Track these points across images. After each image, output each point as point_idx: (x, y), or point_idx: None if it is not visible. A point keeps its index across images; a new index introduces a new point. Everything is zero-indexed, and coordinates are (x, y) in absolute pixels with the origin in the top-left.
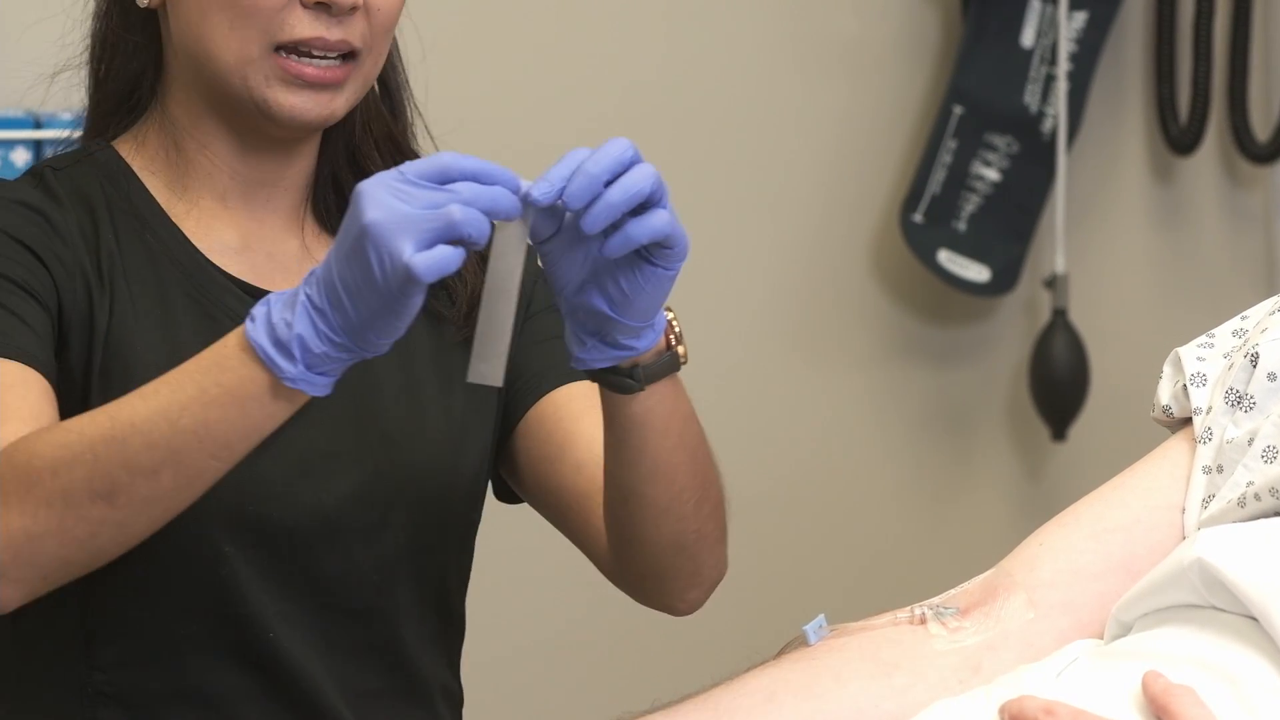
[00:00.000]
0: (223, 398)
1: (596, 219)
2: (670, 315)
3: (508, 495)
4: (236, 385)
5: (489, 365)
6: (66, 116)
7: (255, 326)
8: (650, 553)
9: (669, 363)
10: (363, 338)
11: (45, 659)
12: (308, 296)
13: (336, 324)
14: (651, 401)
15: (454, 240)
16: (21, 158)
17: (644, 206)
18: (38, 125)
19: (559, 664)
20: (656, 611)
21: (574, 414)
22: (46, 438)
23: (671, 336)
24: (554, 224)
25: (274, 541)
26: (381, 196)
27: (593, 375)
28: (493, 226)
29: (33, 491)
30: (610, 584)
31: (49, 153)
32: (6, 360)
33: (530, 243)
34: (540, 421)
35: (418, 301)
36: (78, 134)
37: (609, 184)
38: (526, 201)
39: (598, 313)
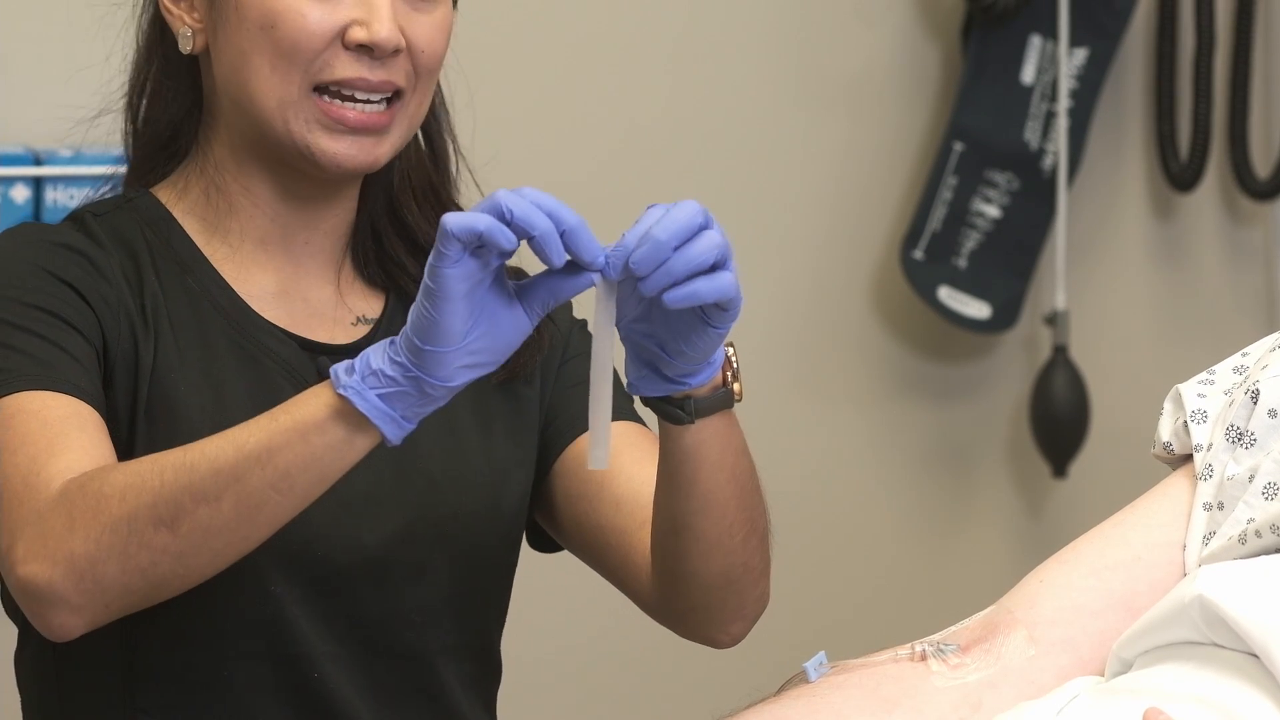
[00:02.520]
0: (287, 423)
1: (655, 284)
2: (730, 351)
3: (543, 543)
4: (303, 411)
5: (602, 450)
6: (67, 154)
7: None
8: (697, 586)
9: (722, 399)
10: (419, 356)
11: (90, 701)
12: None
13: (400, 343)
14: (705, 434)
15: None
16: (21, 195)
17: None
18: (37, 162)
19: (592, 705)
20: (688, 654)
21: (611, 451)
22: (124, 466)
23: (729, 372)
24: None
25: (319, 581)
26: None
27: (646, 402)
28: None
29: (99, 516)
30: (642, 626)
31: (49, 190)
32: (58, 394)
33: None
34: (578, 461)
35: (454, 283)
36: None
37: (677, 248)
38: (604, 278)
39: (652, 351)
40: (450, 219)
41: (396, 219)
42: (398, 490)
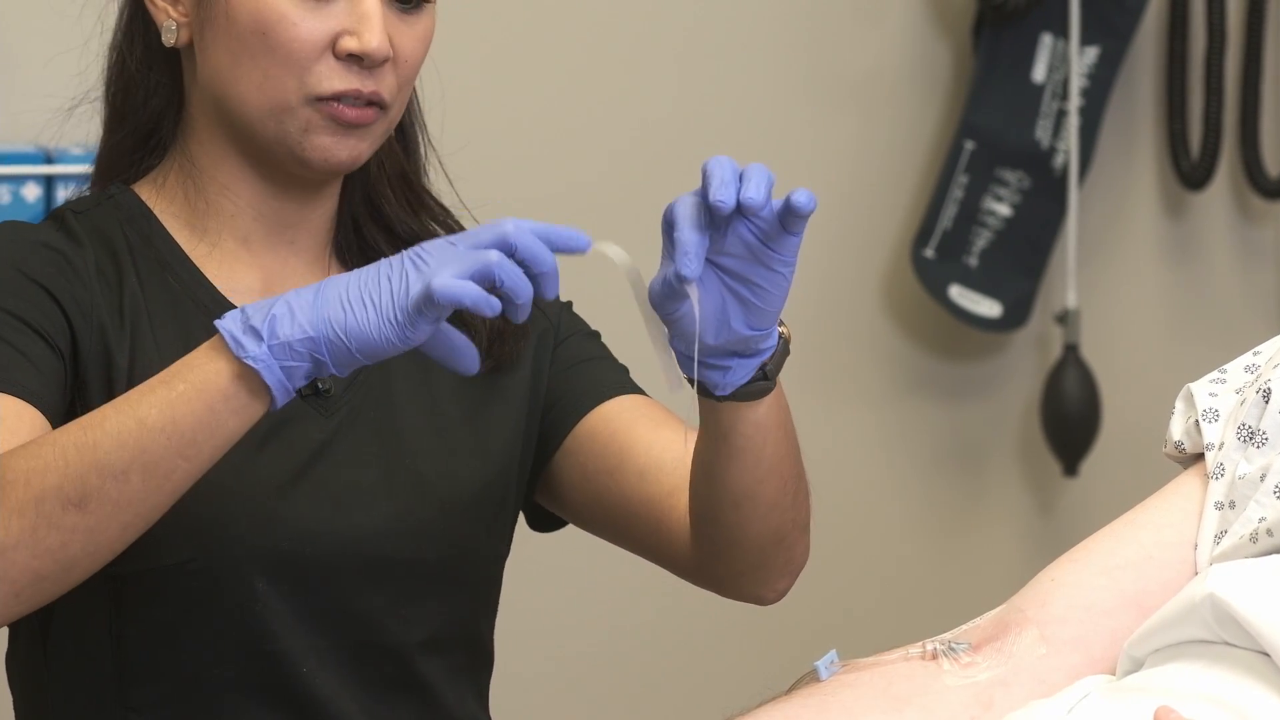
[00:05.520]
0: (189, 393)
1: (769, 208)
2: None
3: (544, 523)
4: (202, 380)
5: (674, 372)
6: (78, 152)
7: (226, 317)
8: (751, 549)
9: (783, 348)
10: (338, 345)
11: (80, 700)
12: (294, 292)
13: (323, 325)
14: (772, 400)
15: (488, 286)
16: (33, 193)
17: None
18: (49, 160)
19: (586, 693)
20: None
21: (626, 424)
22: (20, 450)
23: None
24: (682, 295)
25: (305, 577)
26: (436, 244)
27: (729, 395)
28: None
29: (4, 502)
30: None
31: (60, 188)
32: (4, 395)
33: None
34: (591, 437)
35: (419, 334)
36: (89, 169)
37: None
38: (680, 281)
39: (738, 335)
40: (439, 285)
41: (373, 207)
42: (385, 487)
